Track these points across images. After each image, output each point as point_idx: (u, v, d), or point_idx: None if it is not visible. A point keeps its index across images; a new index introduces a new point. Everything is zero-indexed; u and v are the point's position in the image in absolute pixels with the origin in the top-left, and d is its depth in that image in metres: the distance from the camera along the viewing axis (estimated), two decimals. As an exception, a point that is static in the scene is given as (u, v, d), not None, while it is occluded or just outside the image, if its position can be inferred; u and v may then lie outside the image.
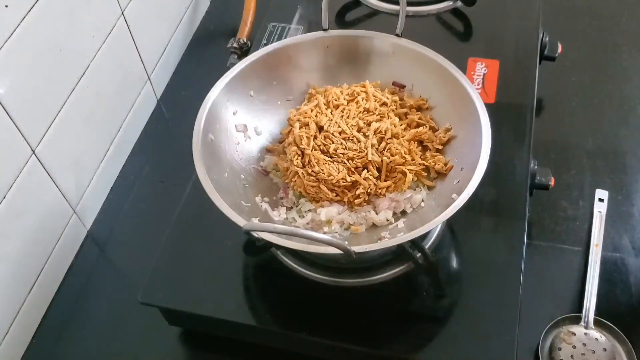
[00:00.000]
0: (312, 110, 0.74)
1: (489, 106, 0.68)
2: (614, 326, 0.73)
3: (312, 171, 0.69)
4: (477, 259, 0.72)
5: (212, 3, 1.18)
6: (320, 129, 0.73)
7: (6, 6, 0.66)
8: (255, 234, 0.59)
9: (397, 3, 0.76)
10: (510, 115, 0.83)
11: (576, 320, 0.74)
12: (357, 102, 0.75)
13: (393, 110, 0.74)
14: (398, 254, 0.70)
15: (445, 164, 0.70)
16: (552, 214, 0.85)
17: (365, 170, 0.70)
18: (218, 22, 1.15)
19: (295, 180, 0.71)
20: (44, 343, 0.79)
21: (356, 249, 0.57)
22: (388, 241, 0.62)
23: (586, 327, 0.73)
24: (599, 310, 0.74)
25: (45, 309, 0.81)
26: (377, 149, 0.71)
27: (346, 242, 0.56)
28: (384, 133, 0.71)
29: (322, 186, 0.69)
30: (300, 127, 0.73)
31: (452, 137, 0.72)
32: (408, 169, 0.69)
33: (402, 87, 0.77)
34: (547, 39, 0.93)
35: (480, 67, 0.88)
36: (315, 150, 0.71)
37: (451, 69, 0.72)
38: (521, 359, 0.71)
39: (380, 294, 0.70)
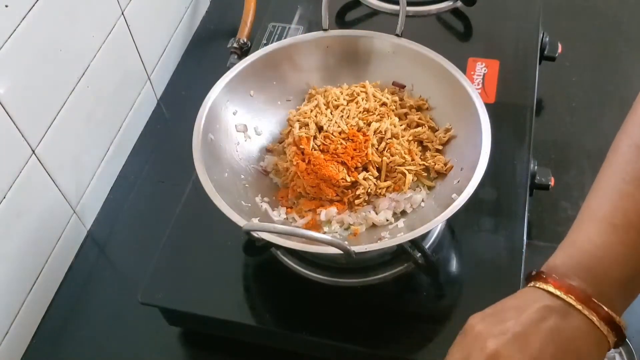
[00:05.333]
0: (311, 111, 0.74)
1: (489, 106, 0.67)
2: (614, 326, 0.73)
3: (312, 171, 0.69)
4: (477, 259, 0.72)
5: (212, 3, 1.18)
6: (320, 129, 0.73)
7: (6, 6, 0.66)
8: (255, 234, 0.59)
9: (397, 3, 0.76)
10: (510, 115, 0.83)
11: (576, 320, 0.74)
12: (357, 102, 0.75)
13: (393, 111, 0.74)
14: (398, 254, 0.70)
15: (445, 164, 0.70)
16: (552, 214, 0.85)
17: (365, 171, 0.70)
18: (218, 22, 1.15)
19: (295, 181, 0.71)
20: (44, 343, 0.79)
21: (356, 249, 0.57)
22: (388, 241, 0.62)
23: (586, 327, 0.73)
24: (599, 310, 0.74)
25: (45, 309, 0.81)
26: (377, 149, 0.71)
27: (346, 242, 0.56)
28: (383, 133, 0.71)
29: (322, 186, 0.69)
30: (300, 127, 0.73)
31: (452, 137, 0.72)
32: (408, 169, 0.69)
33: (402, 87, 0.77)
34: (547, 39, 0.93)
35: (480, 67, 0.88)
36: (315, 150, 0.71)
37: (451, 69, 0.71)
38: (521, 359, 0.71)
39: (380, 294, 0.70)
